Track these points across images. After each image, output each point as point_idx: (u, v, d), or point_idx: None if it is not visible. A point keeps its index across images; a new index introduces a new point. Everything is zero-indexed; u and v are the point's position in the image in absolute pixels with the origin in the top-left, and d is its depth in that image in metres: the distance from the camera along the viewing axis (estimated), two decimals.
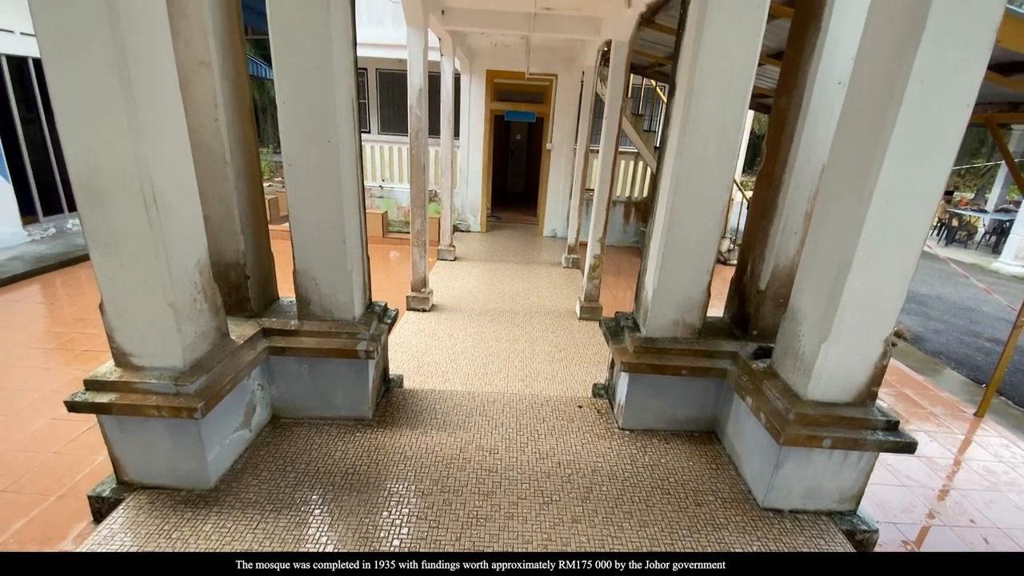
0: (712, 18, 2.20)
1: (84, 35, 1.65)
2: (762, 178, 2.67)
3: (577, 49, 7.68)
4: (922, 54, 1.67)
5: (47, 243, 7.30)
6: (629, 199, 9.67)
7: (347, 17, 2.41)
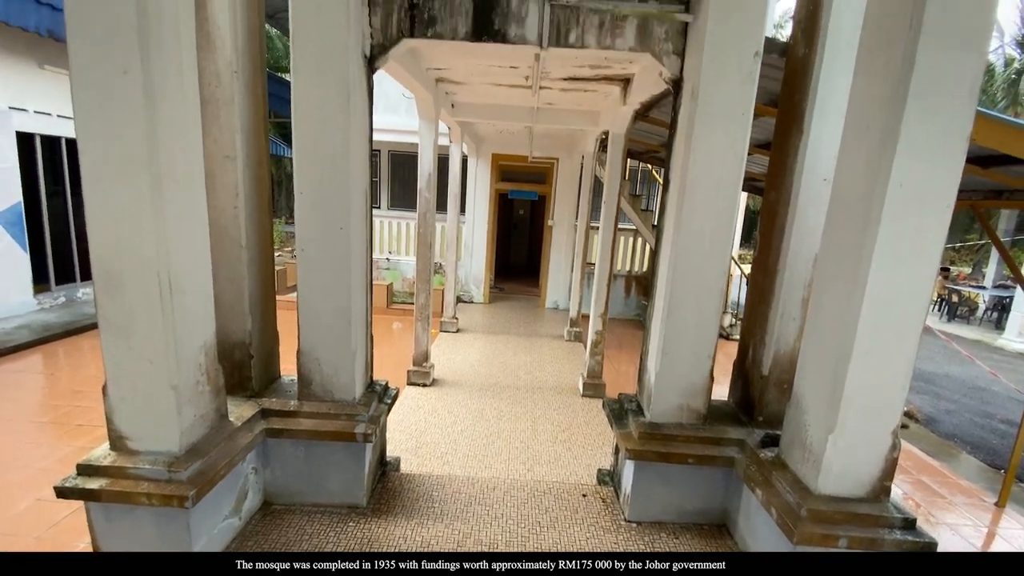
0: (701, 123, 2.38)
1: (121, 131, 1.79)
2: (757, 265, 2.75)
3: (577, 137, 8.19)
4: (899, 160, 1.79)
5: (56, 311, 7.39)
6: (630, 273, 9.85)
7: (365, 114, 2.61)
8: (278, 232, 15.24)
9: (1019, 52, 21.95)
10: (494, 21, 2.51)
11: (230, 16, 2.34)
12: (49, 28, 6.55)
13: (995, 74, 22.27)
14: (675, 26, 2.50)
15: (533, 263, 13.26)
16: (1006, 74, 21.80)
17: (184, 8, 1.95)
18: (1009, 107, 21.61)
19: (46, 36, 6.56)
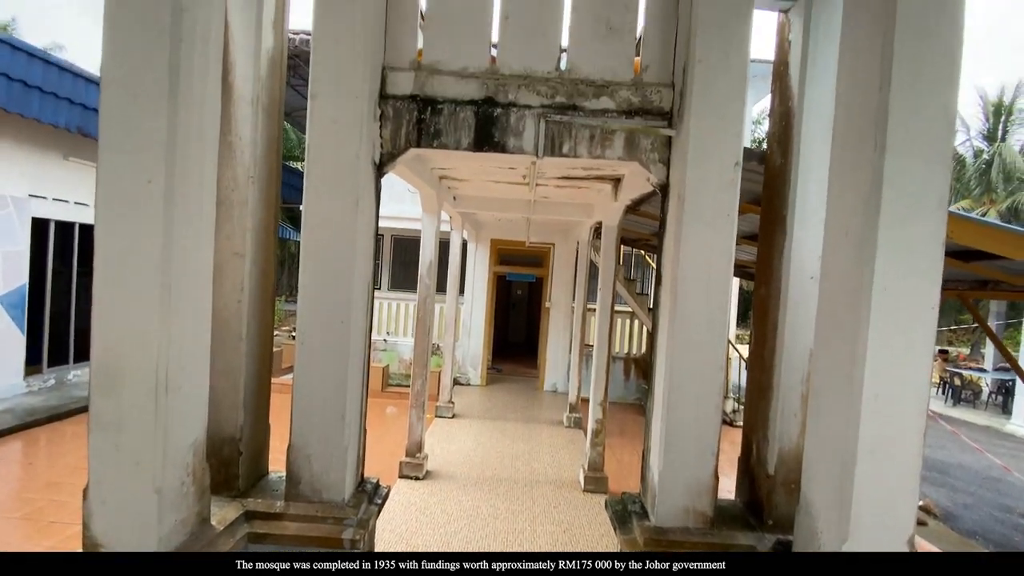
0: (688, 225, 2.51)
1: (139, 234, 1.88)
2: (754, 359, 2.77)
3: (572, 225, 8.54)
4: (879, 265, 1.88)
5: (43, 395, 7.23)
6: (628, 355, 9.81)
7: (372, 216, 2.75)
8: (278, 310, 15.35)
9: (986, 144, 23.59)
10: (494, 134, 2.73)
11: (252, 129, 2.55)
12: (79, 125, 7.06)
13: (966, 164, 23.77)
14: (660, 138, 2.72)
15: (531, 341, 13.24)
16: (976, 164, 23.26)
17: (211, 124, 2.13)
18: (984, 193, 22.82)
19: (74, 132, 7.05)
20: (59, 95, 6.52)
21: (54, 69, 6.49)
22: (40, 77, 6.21)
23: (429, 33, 2.81)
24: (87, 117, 7.04)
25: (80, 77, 6.92)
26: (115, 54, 1.93)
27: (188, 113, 1.98)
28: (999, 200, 21.77)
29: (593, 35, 2.75)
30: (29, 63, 6.08)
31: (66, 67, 6.75)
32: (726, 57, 2.47)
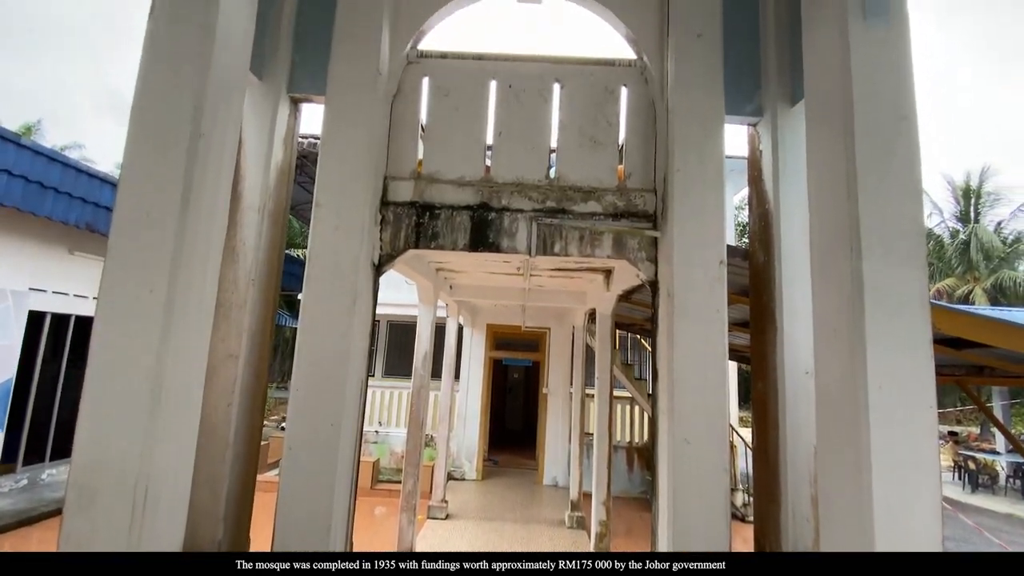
0: (680, 322, 2.55)
1: (134, 343, 1.88)
2: (759, 459, 2.68)
3: (567, 310, 8.64)
4: (871, 364, 1.90)
5: (13, 496, 6.81)
6: (630, 444, 9.46)
7: (368, 315, 2.79)
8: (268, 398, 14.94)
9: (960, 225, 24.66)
10: (489, 236, 2.86)
11: (256, 234, 2.66)
12: (88, 222, 7.31)
13: (944, 244, 24.68)
14: (646, 238, 2.84)
15: (529, 428, 12.80)
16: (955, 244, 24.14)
17: (217, 235, 2.22)
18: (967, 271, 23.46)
19: (83, 228, 7.29)
20: (73, 195, 6.84)
21: (71, 171, 6.86)
22: (57, 178, 6.54)
23: (429, 146, 3.04)
24: (97, 214, 7.32)
25: (95, 177, 7.29)
26: (133, 172, 2.06)
27: (196, 226, 2.08)
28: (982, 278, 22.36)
29: (579, 148, 2.98)
30: (48, 166, 6.44)
31: (82, 169, 7.14)
32: (702, 166, 2.65)
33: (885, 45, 2.14)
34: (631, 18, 2.92)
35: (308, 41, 2.87)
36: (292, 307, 18.30)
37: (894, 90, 2.11)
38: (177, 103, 2.06)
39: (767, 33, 2.81)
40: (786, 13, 2.74)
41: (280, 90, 2.79)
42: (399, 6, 2.94)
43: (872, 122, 2.05)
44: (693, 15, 2.74)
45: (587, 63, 3.05)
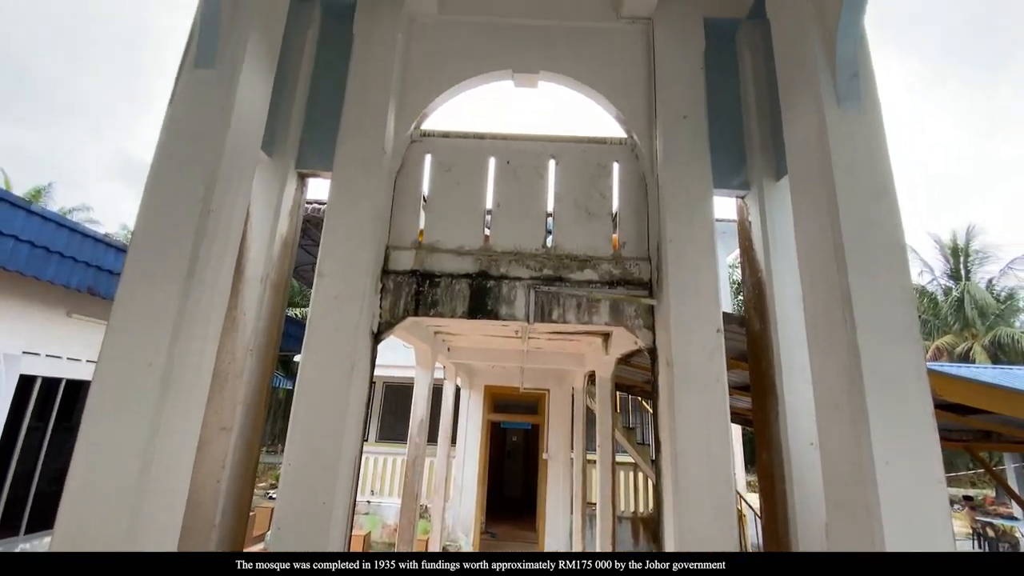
0: (680, 392, 2.53)
1: (127, 418, 1.86)
2: (768, 535, 2.57)
3: (566, 371, 8.55)
4: (875, 439, 1.87)
5: None
6: (635, 515, 9.05)
7: (365, 382, 2.76)
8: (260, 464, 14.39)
9: (952, 283, 24.98)
10: (487, 303, 2.89)
11: (257, 304, 2.69)
12: (90, 285, 7.37)
13: (939, 303, 24.88)
14: (643, 306, 2.88)
15: (528, 494, 12.26)
16: (949, 301, 24.34)
17: (219, 307, 2.25)
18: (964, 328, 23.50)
19: (83, 291, 7.33)
20: (77, 259, 6.93)
21: (76, 235, 6.99)
22: (62, 243, 6.66)
23: (430, 217, 3.14)
24: (99, 277, 7.38)
25: (99, 242, 7.42)
26: (141, 248, 2.12)
27: (199, 299, 2.11)
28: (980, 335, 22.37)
29: (574, 219, 3.08)
30: (55, 231, 6.57)
31: (87, 233, 7.27)
32: (694, 237, 2.74)
33: (860, 127, 2.29)
34: (620, 101, 3.12)
35: (317, 121, 3.04)
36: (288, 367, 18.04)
37: (872, 169, 2.23)
38: (190, 181, 2.16)
39: (749, 114, 3.00)
40: (766, 96, 2.94)
41: (288, 166, 2.93)
42: (405, 90, 3.14)
43: (854, 199, 2.15)
44: (678, 98, 2.93)
45: (580, 141, 3.23)
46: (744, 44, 3.09)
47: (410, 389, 5.37)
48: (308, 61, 3.08)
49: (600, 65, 3.16)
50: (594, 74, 3.15)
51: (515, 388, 9.10)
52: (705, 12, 3.09)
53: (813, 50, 2.35)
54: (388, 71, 2.99)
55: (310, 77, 3.09)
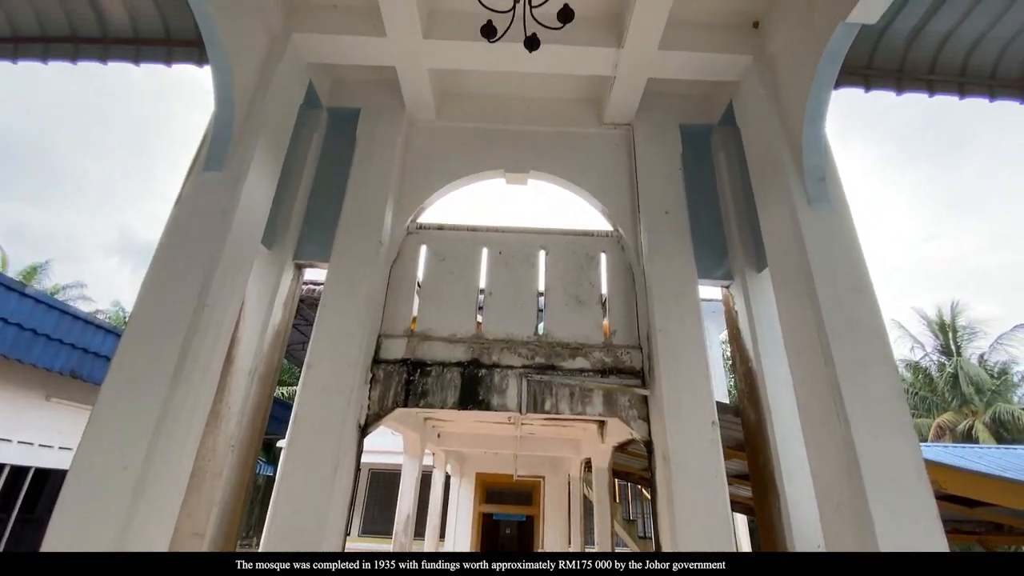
0: (678, 487, 2.44)
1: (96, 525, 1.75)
2: None
3: (562, 457, 8.24)
4: (881, 536, 1.80)
5: None
6: None
7: (350, 477, 2.64)
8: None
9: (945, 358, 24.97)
10: (479, 393, 2.86)
11: (243, 398, 2.63)
12: (72, 368, 7.21)
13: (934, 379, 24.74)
14: (637, 396, 2.85)
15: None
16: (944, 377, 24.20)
17: (204, 405, 2.21)
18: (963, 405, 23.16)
19: (67, 374, 7.15)
20: (63, 341, 6.84)
21: (67, 317, 6.94)
22: (50, 326, 6.60)
23: (423, 305, 3.18)
24: (83, 360, 7.23)
25: (89, 323, 7.36)
26: (132, 342, 2.11)
27: (184, 398, 2.07)
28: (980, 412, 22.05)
29: (565, 306, 3.14)
30: (45, 314, 6.54)
31: (79, 316, 7.24)
32: (683, 326, 2.78)
33: (832, 226, 2.42)
34: (605, 197, 3.30)
35: (317, 214, 3.17)
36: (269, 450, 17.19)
37: (847, 264, 2.33)
38: (188, 278, 2.20)
39: (728, 209, 3.18)
40: (742, 193, 3.12)
41: (286, 258, 3.01)
42: (403, 187, 3.32)
43: (833, 294, 2.23)
44: (659, 195, 3.11)
45: (568, 233, 3.37)
46: (719, 147, 3.34)
47: (397, 476, 5.12)
48: (312, 160, 3.27)
49: (585, 165, 3.38)
50: (580, 173, 3.36)
51: (508, 476, 8.69)
52: (680, 119, 3.37)
53: (781, 156, 2.55)
54: (388, 170, 3.17)
55: (313, 175, 3.27)
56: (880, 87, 2.94)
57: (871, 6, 2.18)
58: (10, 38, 3.16)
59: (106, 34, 3.04)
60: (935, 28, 2.77)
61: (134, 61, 3.01)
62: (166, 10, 2.94)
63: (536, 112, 3.54)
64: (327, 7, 2.97)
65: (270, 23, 2.81)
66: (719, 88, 3.24)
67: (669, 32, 2.78)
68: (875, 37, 2.85)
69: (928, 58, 2.90)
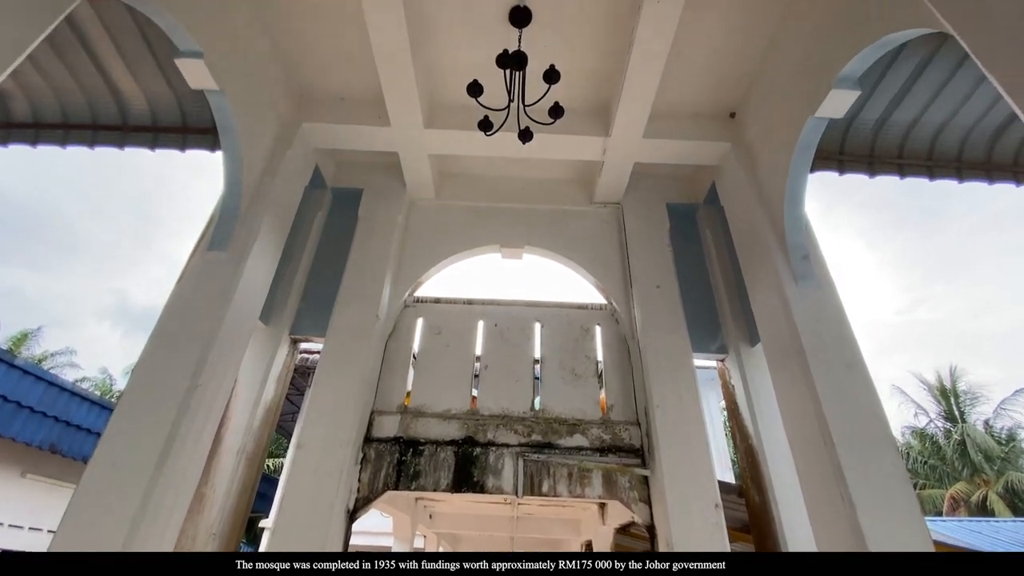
0: None
1: None
2: None
3: (561, 540, 7.79)
4: None
5: None
6: None
7: None
8: None
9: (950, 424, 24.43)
10: (473, 474, 2.77)
11: (229, 479, 2.54)
12: (53, 442, 6.94)
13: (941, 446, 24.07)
14: (637, 477, 2.77)
15: None
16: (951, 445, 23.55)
17: (188, 487, 2.13)
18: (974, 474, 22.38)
19: (46, 449, 6.87)
20: (46, 414, 6.64)
21: (53, 388, 6.79)
22: (35, 398, 6.44)
23: (419, 378, 3.15)
24: (64, 433, 6.99)
25: (74, 395, 7.19)
26: (119, 425, 2.07)
27: (168, 482, 2.00)
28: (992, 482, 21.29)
29: (561, 380, 3.13)
30: (32, 385, 6.40)
31: (65, 387, 7.08)
32: (680, 402, 2.76)
33: (819, 303, 2.48)
34: (598, 271, 3.39)
35: (316, 290, 3.22)
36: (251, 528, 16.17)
37: (838, 341, 2.36)
38: (183, 358, 2.20)
39: (718, 284, 3.26)
40: (730, 268, 3.22)
41: (283, 332, 3.02)
42: (401, 262, 3.40)
43: (827, 373, 2.24)
44: (650, 270, 3.19)
45: (563, 306, 3.42)
46: (704, 224, 3.49)
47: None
48: (314, 237, 3.38)
49: (577, 241, 3.50)
50: (573, 249, 3.46)
51: None
52: (666, 198, 3.53)
53: (765, 236, 2.66)
54: (388, 246, 3.27)
55: (314, 251, 3.36)
56: (853, 170, 3.12)
57: (837, 102, 2.37)
58: (32, 124, 3.35)
59: (126, 122, 3.23)
60: (900, 118, 3.00)
61: (150, 147, 3.17)
62: (184, 101, 3.15)
63: (530, 191, 3.71)
64: (336, 99, 3.19)
65: (281, 114, 3.01)
66: (702, 170, 3.44)
67: (652, 122, 2.98)
68: (844, 126, 3.07)
69: (896, 144, 3.10)
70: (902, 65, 2.61)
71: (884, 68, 2.60)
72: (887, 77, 2.66)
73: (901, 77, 2.67)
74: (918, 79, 2.66)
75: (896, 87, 2.72)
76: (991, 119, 2.88)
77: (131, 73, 2.91)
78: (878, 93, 2.76)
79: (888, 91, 2.74)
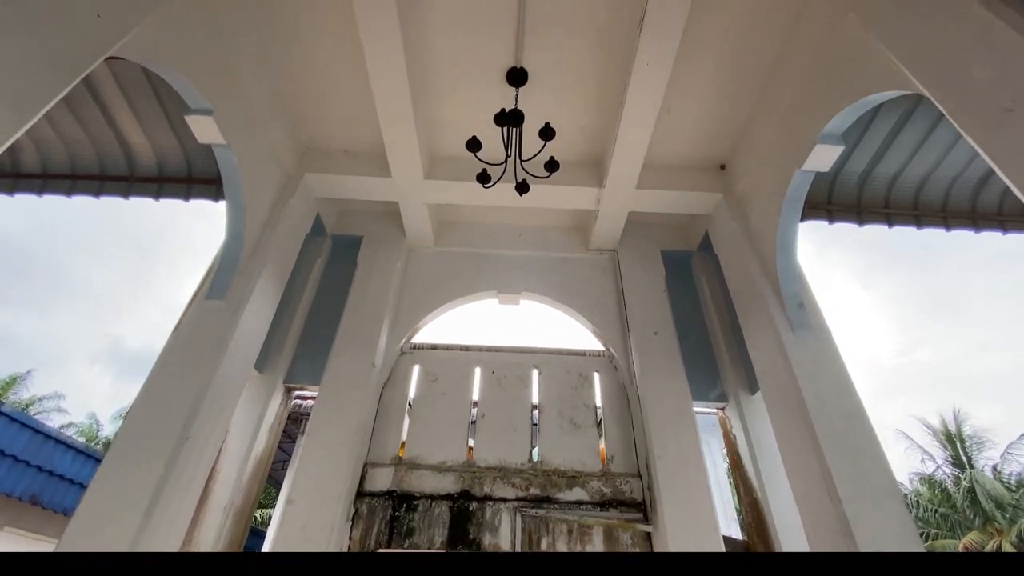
0: None
1: None
2: None
3: None
4: None
5: None
6: None
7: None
8: None
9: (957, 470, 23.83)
10: (469, 531, 2.67)
11: (215, 536, 2.43)
12: (34, 493, 6.68)
13: (951, 494, 23.39)
14: (639, 532, 2.67)
15: None
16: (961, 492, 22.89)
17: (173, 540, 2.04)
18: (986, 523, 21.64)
19: (27, 500, 6.62)
20: (30, 463, 6.43)
21: (38, 436, 6.61)
22: (20, 447, 6.26)
23: (414, 428, 3.09)
24: (48, 484, 6.75)
25: (59, 443, 6.99)
26: (105, 478, 2.00)
27: (152, 538, 1.92)
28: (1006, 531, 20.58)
29: (559, 430, 3.07)
30: (18, 433, 6.23)
31: (51, 435, 6.89)
32: (682, 453, 2.70)
33: (817, 351, 2.48)
34: (595, 317, 3.40)
35: (312, 338, 3.20)
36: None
37: (836, 389, 2.34)
38: (175, 408, 2.16)
39: (715, 331, 3.26)
40: (727, 315, 3.23)
41: (277, 381, 2.98)
42: (399, 309, 3.41)
43: (828, 424, 2.21)
44: (647, 317, 3.20)
45: (561, 353, 3.40)
46: (700, 270, 3.53)
47: None
48: (313, 284, 3.39)
49: (574, 288, 3.52)
50: (569, 295, 3.49)
51: None
52: (661, 246, 3.59)
53: (760, 285, 2.69)
54: (386, 293, 3.28)
55: (312, 298, 3.37)
56: (842, 219, 3.19)
57: (822, 156, 2.46)
58: (39, 175, 3.43)
59: (133, 173, 3.30)
60: (884, 170, 3.10)
61: (155, 197, 3.24)
62: (191, 153, 3.24)
63: (527, 239, 3.77)
64: (338, 152, 3.29)
65: (285, 166, 3.09)
66: (696, 219, 3.51)
67: (645, 173, 3.08)
68: (831, 178, 3.16)
69: (882, 195, 3.19)
70: (883, 121, 2.72)
71: (866, 124, 2.72)
72: (869, 132, 2.77)
73: (882, 132, 2.78)
74: (899, 133, 2.77)
75: (878, 142, 2.83)
76: (973, 170, 2.98)
77: (141, 126, 3.01)
78: (861, 147, 2.86)
79: (871, 145, 2.85)
